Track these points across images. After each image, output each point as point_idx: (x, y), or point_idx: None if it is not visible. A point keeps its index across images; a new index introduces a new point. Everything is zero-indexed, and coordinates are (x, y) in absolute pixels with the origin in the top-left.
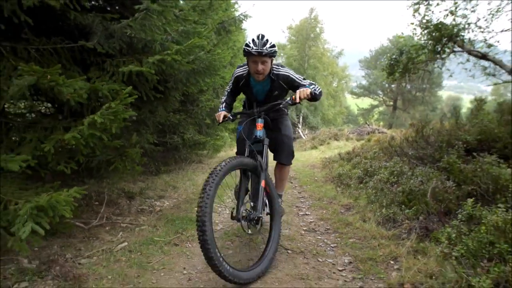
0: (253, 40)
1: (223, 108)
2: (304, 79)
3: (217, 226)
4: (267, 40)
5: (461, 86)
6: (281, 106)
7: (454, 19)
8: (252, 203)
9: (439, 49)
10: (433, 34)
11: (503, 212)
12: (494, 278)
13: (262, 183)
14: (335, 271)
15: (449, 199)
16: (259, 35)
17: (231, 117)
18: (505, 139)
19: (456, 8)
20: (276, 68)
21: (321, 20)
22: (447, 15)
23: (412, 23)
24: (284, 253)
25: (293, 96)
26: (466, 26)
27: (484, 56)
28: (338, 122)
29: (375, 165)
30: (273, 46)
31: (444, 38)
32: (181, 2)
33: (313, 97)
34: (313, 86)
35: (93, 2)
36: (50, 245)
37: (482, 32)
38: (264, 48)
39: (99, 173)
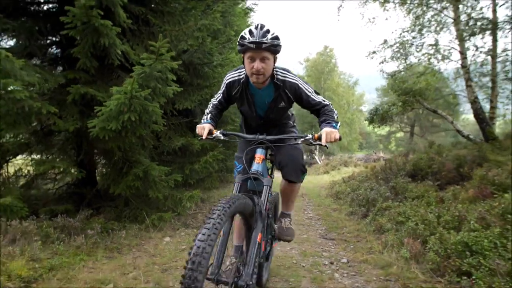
0: (249, 30)
1: (208, 120)
2: (316, 92)
3: None
4: (268, 30)
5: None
6: (299, 143)
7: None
8: (237, 261)
9: (405, 105)
10: (400, 96)
11: (394, 203)
12: (376, 225)
13: (258, 237)
14: (317, 229)
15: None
16: (258, 24)
17: (220, 136)
18: (425, 169)
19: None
20: (281, 72)
21: (334, 55)
22: (419, 76)
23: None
24: (296, 223)
25: (316, 135)
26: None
27: (434, 111)
28: (353, 148)
29: (360, 185)
30: (276, 37)
31: (410, 98)
32: None
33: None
34: (330, 113)
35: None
36: (178, 218)
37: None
38: (264, 39)
39: (193, 186)
